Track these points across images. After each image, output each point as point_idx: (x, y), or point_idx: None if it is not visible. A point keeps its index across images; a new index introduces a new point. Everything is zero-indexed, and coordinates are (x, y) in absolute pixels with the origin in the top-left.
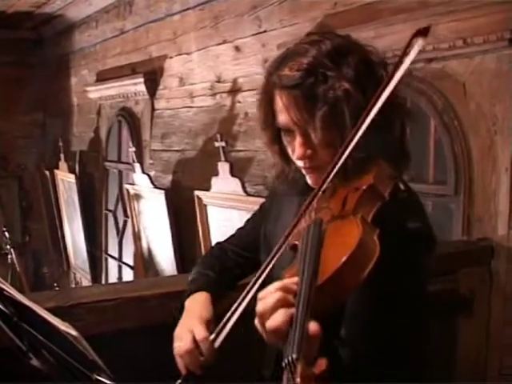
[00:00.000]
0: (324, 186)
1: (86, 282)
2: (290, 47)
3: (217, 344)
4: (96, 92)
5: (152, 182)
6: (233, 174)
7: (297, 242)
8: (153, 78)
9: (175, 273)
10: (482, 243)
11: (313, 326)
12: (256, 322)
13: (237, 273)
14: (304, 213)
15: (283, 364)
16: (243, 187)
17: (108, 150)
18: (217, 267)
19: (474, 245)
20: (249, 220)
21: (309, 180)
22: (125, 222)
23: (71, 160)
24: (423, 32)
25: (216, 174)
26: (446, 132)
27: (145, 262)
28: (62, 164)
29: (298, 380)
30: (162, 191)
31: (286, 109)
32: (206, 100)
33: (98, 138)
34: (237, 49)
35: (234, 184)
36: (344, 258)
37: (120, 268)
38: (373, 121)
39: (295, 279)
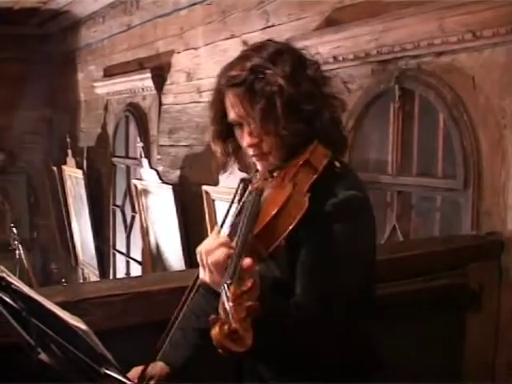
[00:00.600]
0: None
1: (93, 277)
2: (238, 55)
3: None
4: (103, 88)
5: (160, 177)
6: (240, 168)
7: None
8: (160, 73)
9: (183, 268)
10: (491, 237)
11: (246, 260)
12: (199, 262)
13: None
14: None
15: (219, 289)
16: None
17: (115, 145)
18: (194, 324)
19: (483, 239)
20: None
21: (258, 166)
22: (133, 218)
23: (79, 156)
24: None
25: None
26: (455, 126)
27: (153, 258)
28: (70, 160)
29: (231, 302)
30: (170, 186)
31: (232, 105)
32: None
33: (106, 134)
34: (244, 43)
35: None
36: (275, 211)
37: (128, 263)
38: (303, 111)
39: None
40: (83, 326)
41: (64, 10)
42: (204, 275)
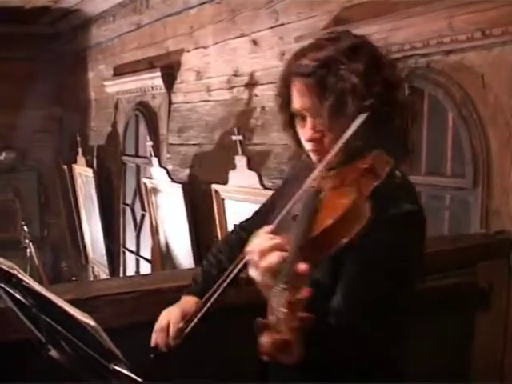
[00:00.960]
0: (324, 162)
1: (104, 275)
2: (310, 43)
3: (186, 331)
4: (113, 86)
5: (169, 176)
6: (250, 167)
7: (298, 213)
8: (170, 72)
9: (192, 266)
10: (500, 236)
11: (302, 266)
12: (250, 262)
13: None
14: (298, 193)
15: (272, 294)
16: (260, 181)
17: (125, 144)
18: (223, 263)
19: (492, 238)
20: (263, 204)
21: (315, 161)
22: (142, 216)
23: (89, 154)
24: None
25: (233, 167)
26: (465, 124)
27: (162, 256)
28: (80, 158)
29: (284, 308)
30: (180, 185)
31: (300, 95)
32: (223, 94)
33: (116, 133)
34: (254, 42)
35: (251, 177)
36: (336, 216)
37: (138, 262)
38: (372, 117)
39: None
40: (92, 322)
41: (75, 9)
42: (254, 274)
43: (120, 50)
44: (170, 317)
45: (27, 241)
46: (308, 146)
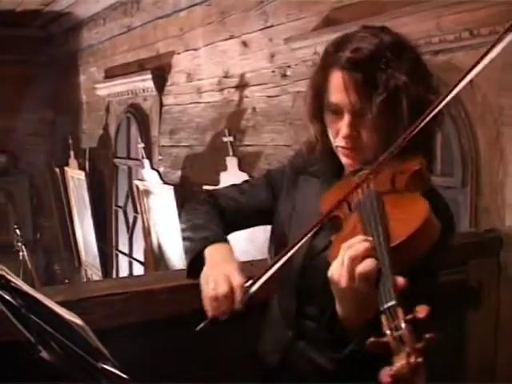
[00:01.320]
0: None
1: (97, 278)
2: (348, 33)
3: (251, 291)
4: (104, 89)
5: (161, 178)
6: (241, 168)
7: (338, 214)
8: (161, 74)
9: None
10: (489, 234)
11: (401, 279)
12: (340, 266)
13: (236, 226)
14: (355, 187)
15: (381, 309)
16: None
17: (117, 146)
18: (220, 222)
19: (481, 236)
20: (250, 185)
21: (344, 160)
22: (135, 218)
23: (81, 157)
24: None
25: (224, 168)
26: (453, 124)
27: (155, 258)
28: (72, 161)
29: (404, 325)
30: (171, 187)
31: (345, 88)
32: (214, 95)
33: (107, 135)
34: (244, 44)
35: (243, 178)
36: (420, 221)
37: (131, 264)
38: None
39: (370, 238)
40: (79, 321)
41: (66, 12)
42: (340, 277)
43: (111, 52)
44: (230, 279)
45: (20, 244)
46: (340, 142)
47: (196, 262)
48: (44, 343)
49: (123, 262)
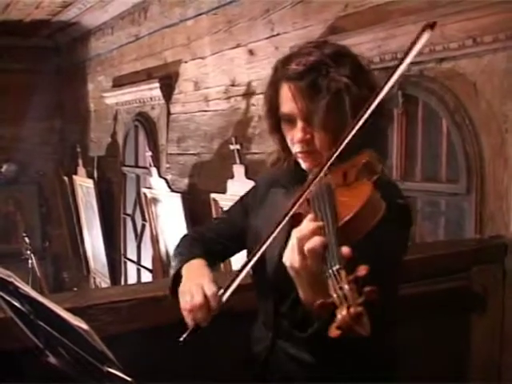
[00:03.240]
0: (327, 166)
1: (105, 285)
2: (293, 50)
3: (224, 299)
4: (112, 98)
5: (169, 186)
6: (248, 176)
7: (300, 211)
8: (168, 82)
9: None
10: (494, 241)
11: (345, 248)
12: (291, 249)
13: (218, 253)
14: (308, 188)
15: (327, 274)
16: None
17: (125, 154)
18: (199, 247)
19: (486, 242)
20: (228, 211)
21: (304, 164)
22: (143, 226)
23: (89, 165)
24: (431, 26)
25: (231, 176)
26: (458, 131)
27: (163, 265)
28: (80, 169)
29: (346, 285)
30: (179, 194)
31: (293, 98)
32: (221, 104)
33: (116, 143)
34: (250, 52)
35: (250, 186)
36: (360, 204)
37: (139, 271)
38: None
39: (321, 223)
40: (85, 326)
41: (74, 22)
42: (293, 260)
43: (119, 61)
44: (203, 290)
45: (29, 252)
46: (297, 148)
47: (177, 282)
48: (51, 348)
49: (131, 269)
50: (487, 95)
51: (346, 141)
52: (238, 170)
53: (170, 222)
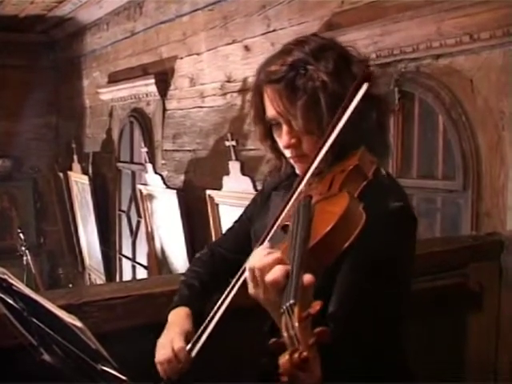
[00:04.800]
0: (310, 172)
1: (100, 282)
2: (275, 52)
3: (193, 353)
4: (108, 94)
5: (164, 182)
6: (244, 172)
7: (288, 223)
8: (164, 78)
9: None
10: (490, 238)
11: (307, 277)
12: (252, 280)
13: (222, 279)
14: (293, 196)
15: (281, 310)
16: (254, 186)
17: (120, 150)
18: (203, 276)
19: (482, 239)
20: (236, 221)
21: (297, 169)
22: (138, 223)
23: (84, 161)
24: (367, 77)
25: (227, 173)
26: (454, 128)
27: (158, 262)
28: (76, 165)
29: (297, 324)
30: (175, 191)
31: (271, 101)
32: (217, 100)
33: (111, 139)
34: (246, 48)
35: (245, 183)
36: (333, 223)
37: (134, 268)
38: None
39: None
40: (79, 324)
41: (69, 17)
42: (255, 293)
43: (114, 57)
44: (172, 344)
45: (23, 248)
46: (287, 153)
47: None
48: (46, 346)
49: (127, 266)
50: (484, 92)
51: (325, 149)
52: (234, 166)
53: (166, 219)
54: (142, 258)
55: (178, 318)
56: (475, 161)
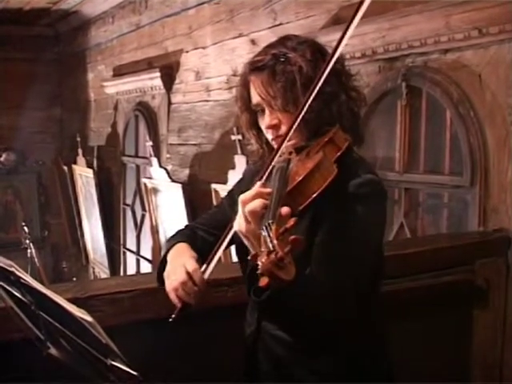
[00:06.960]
0: (287, 137)
1: (104, 276)
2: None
3: (207, 274)
4: (113, 87)
5: (169, 176)
6: None
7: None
8: (169, 72)
9: None
10: (498, 234)
11: (284, 208)
12: (238, 215)
13: (205, 249)
14: (272, 160)
15: (261, 229)
16: None
17: (125, 144)
18: (188, 236)
19: (490, 236)
20: (218, 204)
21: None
22: (142, 216)
23: (89, 155)
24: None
25: (233, 167)
26: (462, 123)
27: None
28: (80, 159)
29: (274, 237)
30: (179, 185)
31: (255, 88)
32: (223, 94)
33: (116, 133)
34: (252, 42)
35: None
36: (306, 171)
37: (138, 262)
38: (321, 92)
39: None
40: (89, 318)
41: (74, 11)
42: (240, 225)
43: (119, 50)
44: (185, 267)
45: (28, 241)
46: (269, 135)
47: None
48: (53, 340)
49: (131, 259)
50: (492, 87)
51: (300, 117)
52: (240, 160)
53: (170, 213)
54: (146, 251)
55: (183, 249)
56: (483, 156)
